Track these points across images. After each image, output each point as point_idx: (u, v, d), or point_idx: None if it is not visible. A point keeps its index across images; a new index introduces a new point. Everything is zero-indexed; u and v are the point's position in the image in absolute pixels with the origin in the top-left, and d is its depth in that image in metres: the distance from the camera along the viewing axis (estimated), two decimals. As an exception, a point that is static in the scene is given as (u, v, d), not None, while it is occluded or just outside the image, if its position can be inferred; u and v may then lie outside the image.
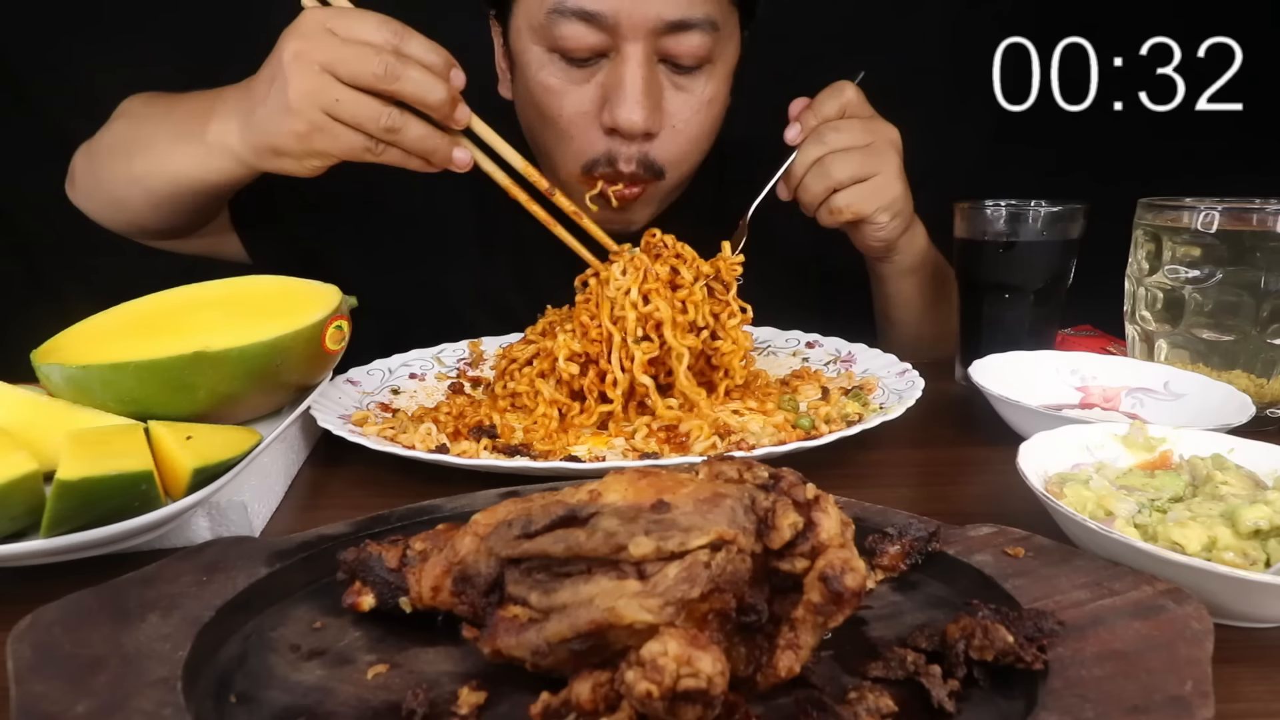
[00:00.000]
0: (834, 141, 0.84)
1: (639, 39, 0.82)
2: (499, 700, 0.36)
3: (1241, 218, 0.70)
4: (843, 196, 0.85)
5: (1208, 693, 0.32)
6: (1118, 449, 0.56)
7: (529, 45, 0.86)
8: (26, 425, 0.53)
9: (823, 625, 0.35)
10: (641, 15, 0.81)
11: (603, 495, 0.37)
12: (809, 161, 0.85)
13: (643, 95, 0.83)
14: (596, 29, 0.82)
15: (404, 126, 0.68)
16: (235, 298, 0.67)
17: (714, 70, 0.89)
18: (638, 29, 0.81)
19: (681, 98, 0.88)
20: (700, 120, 0.90)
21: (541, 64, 0.86)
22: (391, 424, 0.72)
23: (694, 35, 0.83)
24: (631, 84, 0.83)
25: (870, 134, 0.85)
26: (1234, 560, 0.44)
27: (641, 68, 0.83)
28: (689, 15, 0.82)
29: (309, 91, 0.66)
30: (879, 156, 0.85)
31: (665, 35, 0.83)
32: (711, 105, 0.90)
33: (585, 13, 0.81)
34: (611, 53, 0.84)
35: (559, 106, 0.87)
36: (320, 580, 0.44)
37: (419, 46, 0.68)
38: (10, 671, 0.34)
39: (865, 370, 0.83)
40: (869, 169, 0.84)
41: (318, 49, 0.66)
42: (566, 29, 0.82)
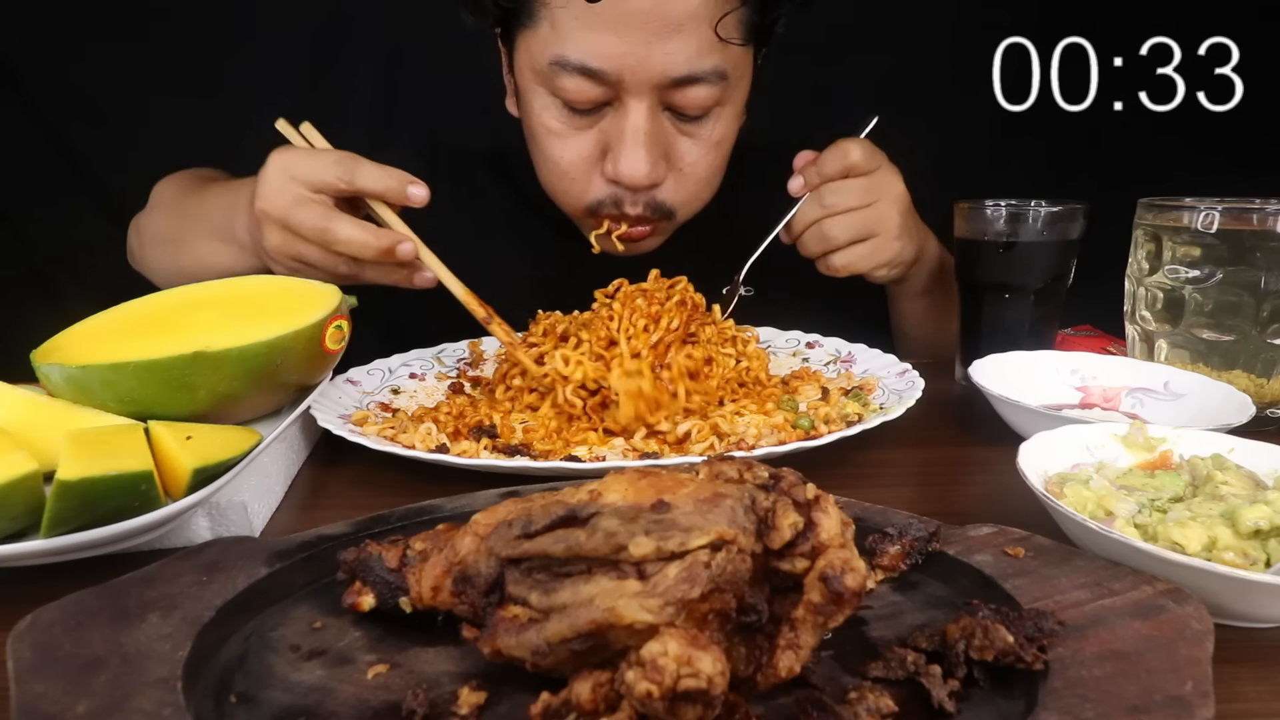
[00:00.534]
0: (832, 204, 0.84)
1: (643, 93, 0.80)
2: (499, 700, 0.36)
3: (1242, 218, 0.70)
4: (839, 257, 0.85)
5: (1208, 693, 0.32)
6: (1118, 449, 0.56)
7: (532, 85, 0.85)
8: (26, 425, 0.53)
9: (823, 625, 0.35)
10: (646, 73, 0.79)
11: (603, 495, 0.37)
12: (807, 222, 0.85)
13: (645, 149, 0.82)
14: (598, 84, 0.80)
15: (360, 271, 0.73)
16: (235, 298, 0.67)
17: (722, 112, 0.86)
18: (642, 85, 0.79)
19: (688, 143, 0.86)
20: (709, 161, 0.88)
21: (544, 106, 0.85)
22: (391, 424, 0.72)
23: (701, 88, 0.81)
24: (634, 138, 0.81)
25: (871, 193, 0.84)
26: (1234, 560, 0.44)
27: (645, 120, 0.81)
28: (696, 70, 0.80)
29: (278, 245, 0.73)
30: (878, 217, 0.85)
31: (670, 89, 0.81)
32: (720, 145, 0.88)
33: (587, 69, 0.79)
34: (615, 102, 0.82)
35: (560, 150, 0.86)
36: (320, 580, 0.44)
37: (370, 178, 0.72)
38: (10, 671, 0.34)
39: (865, 370, 0.83)
40: (867, 230, 0.85)
41: (278, 206, 0.71)
42: (568, 82, 0.80)
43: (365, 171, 0.72)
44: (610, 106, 0.83)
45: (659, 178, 0.85)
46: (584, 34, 0.78)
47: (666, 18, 0.76)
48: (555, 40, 0.80)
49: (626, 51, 0.77)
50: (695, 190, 0.89)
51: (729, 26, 0.80)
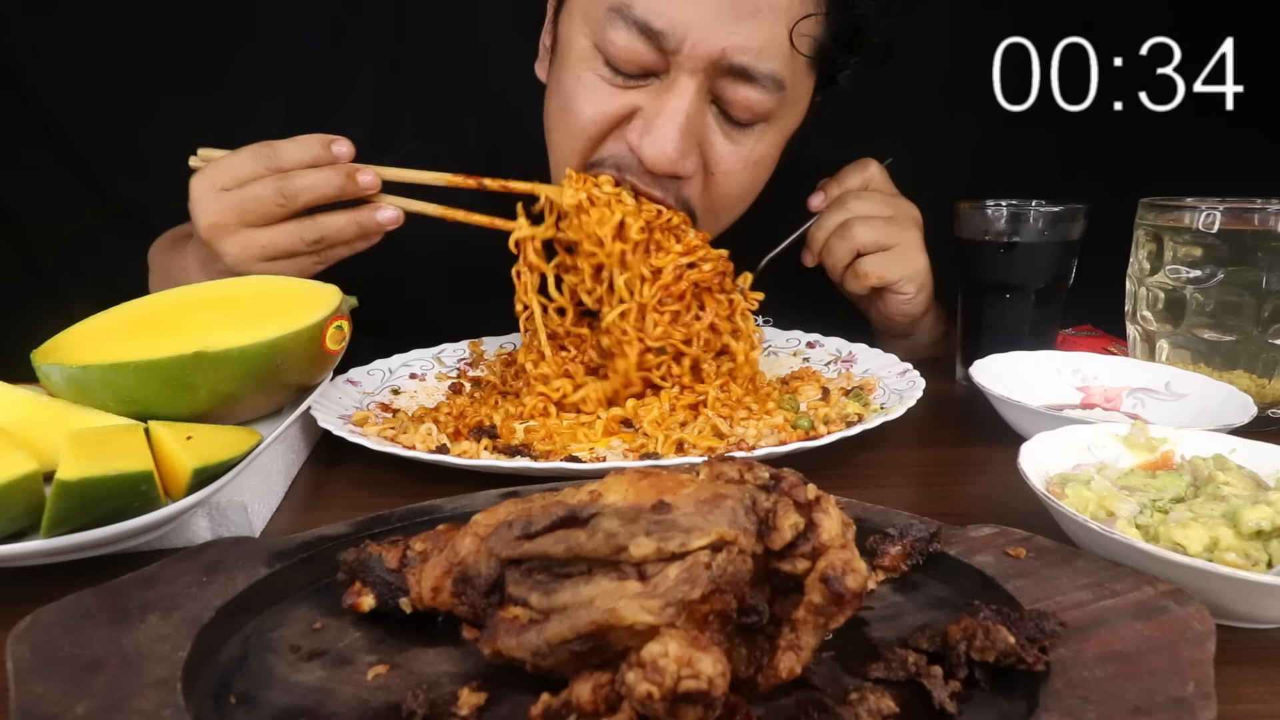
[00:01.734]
0: (856, 209, 0.84)
1: (697, 72, 0.73)
2: (499, 701, 0.36)
3: (1243, 218, 0.70)
4: (867, 262, 0.85)
5: (1210, 694, 0.32)
6: (1119, 449, 0.56)
7: (576, 33, 0.77)
8: (26, 425, 0.53)
9: (824, 626, 0.35)
10: (707, 46, 0.72)
11: (603, 496, 0.37)
12: (832, 226, 0.85)
13: (681, 131, 0.74)
14: (654, 47, 0.73)
15: (324, 229, 0.72)
16: (235, 298, 0.67)
17: (768, 131, 0.80)
18: (699, 59, 0.72)
19: (728, 147, 0.79)
20: (742, 178, 0.81)
21: (584, 57, 0.77)
22: (391, 424, 0.72)
23: (754, 90, 0.75)
24: (672, 115, 0.74)
25: (892, 208, 0.85)
26: (1236, 561, 0.44)
27: (690, 103, 0.74)
28: (755, 65, 0.73)
29: (239, 252, 0.71)
30: (901, 230, 0.85)
31: (724, 77, 0.74)
32: (758, 166, 0.82)
33: (648, 27, 0.72)
34: (661, 74, 0.75)
35: (584, 103, 0.77)
36: (320, 581, 0.44)
37: (291, 152, 0.71)
38: (10, 672, 0.34)
39: (865, 370, 0.83)
40: (891, 239, 0.85)
41: (223, 214, 0.70)
42: (621, 36, 0.73)
43: (284, 149, 0.71)
44: (655, 79, 0.75)
45: (684, 170, 0.77)
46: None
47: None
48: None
49: (695, 20, 0.71)
50: (721, 204, 0.83)
51: (804, 30, 0.75)
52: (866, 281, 0.86)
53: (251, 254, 0.71)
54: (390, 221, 0.73)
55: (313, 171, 0.70)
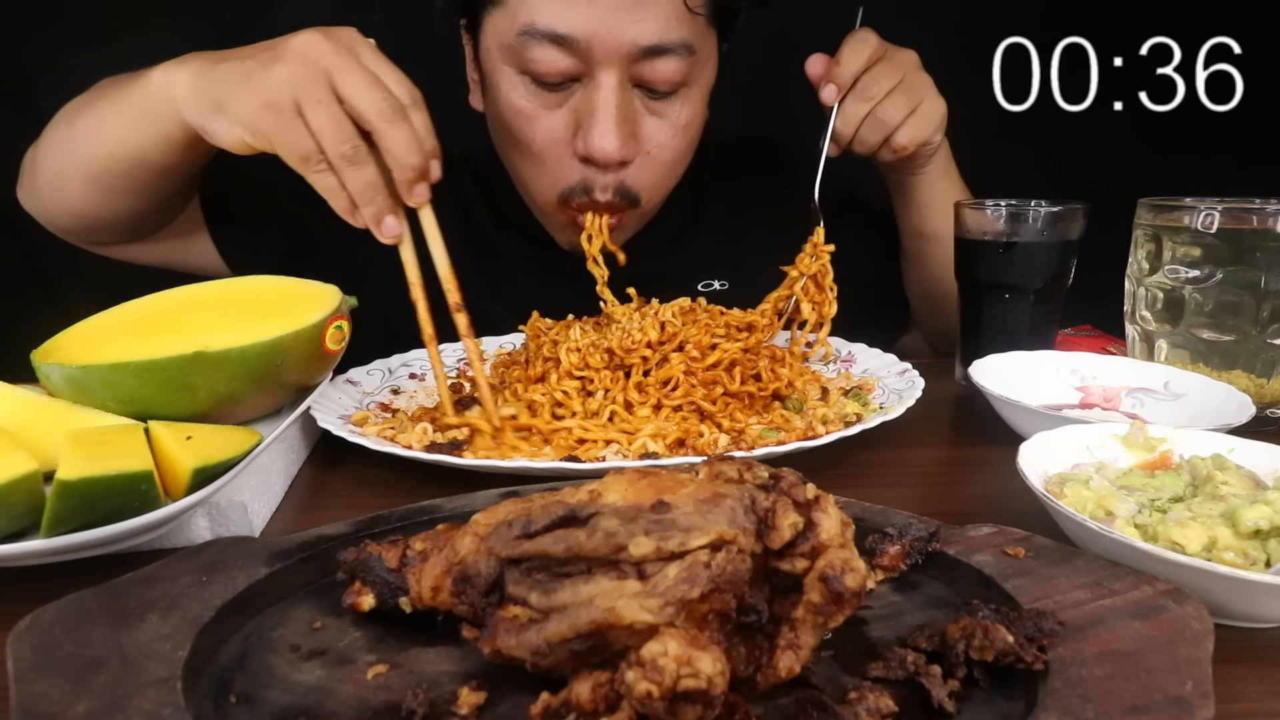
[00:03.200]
0: (877, 92, 0.84)
1: (613, 64, 0.80)
2: (499, 700, 0.36)
3: (1241, 217, 0.70)
4: (903, 134, 0.85)
5: (1208, 693, 0.32)
6: (1118, 449, 0.56)
7: (499, 65, 0.84)
8: (26, 425, 0.53)
9: (823, 625, 0.35)
10: (615, 40, 0.78)
11: (603, 495, 0.37)
12: (858, 119, 0.85)
13: (616, 123, 0.81)
14: (568, 53, 0.79)
15: (360, 166, 0.64)
16: (235, 298, 0.67)
17: (690, 93, 0.86)
18: (611, 54, 0.79)
19: (657, 123, 0.86)
20: (676, 145, 0.88)
21: (512, 85, 0.84)
22: (391, 424, 0.72)
23: (669, 60, 0.81)
24: (604, 111, 0.81)
25: (899, 68, 0.85)
26: (1234, 560, 0.44)
27: (615, 94, 0.81)
28: (664, 40, 0.80)
29: (296, 76, 0.63)
30: (915, 85, 0.85)
31: (640, 60, 0.80)
32: (688, 129, 0.88)
33: (557, 36, 0.78)
34: (584, 77, 0.82)
35: (531, 131, 0.85)
36: (320, 580, 0.44)
37: (422, 119, 0.65)
38: (10, 671, 0.34)
39: (865, 370, 0.83)
40: (914, 101, 0.85)
41: (332, 53, 0.63)
42: (537, 52, 0.80)
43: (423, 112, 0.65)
44: (579, 82, 0.82)
45: (630, 154, 0.84)
46: (553, 3, 0.78)
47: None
48: (523, 10, 0.79)
49: (596, 18, 0.77)
50: (660, 175, 0.89)
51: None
52: (905, 153, 0.87)
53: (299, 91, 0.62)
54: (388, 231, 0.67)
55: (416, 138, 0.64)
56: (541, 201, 0.90)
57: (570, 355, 0.75)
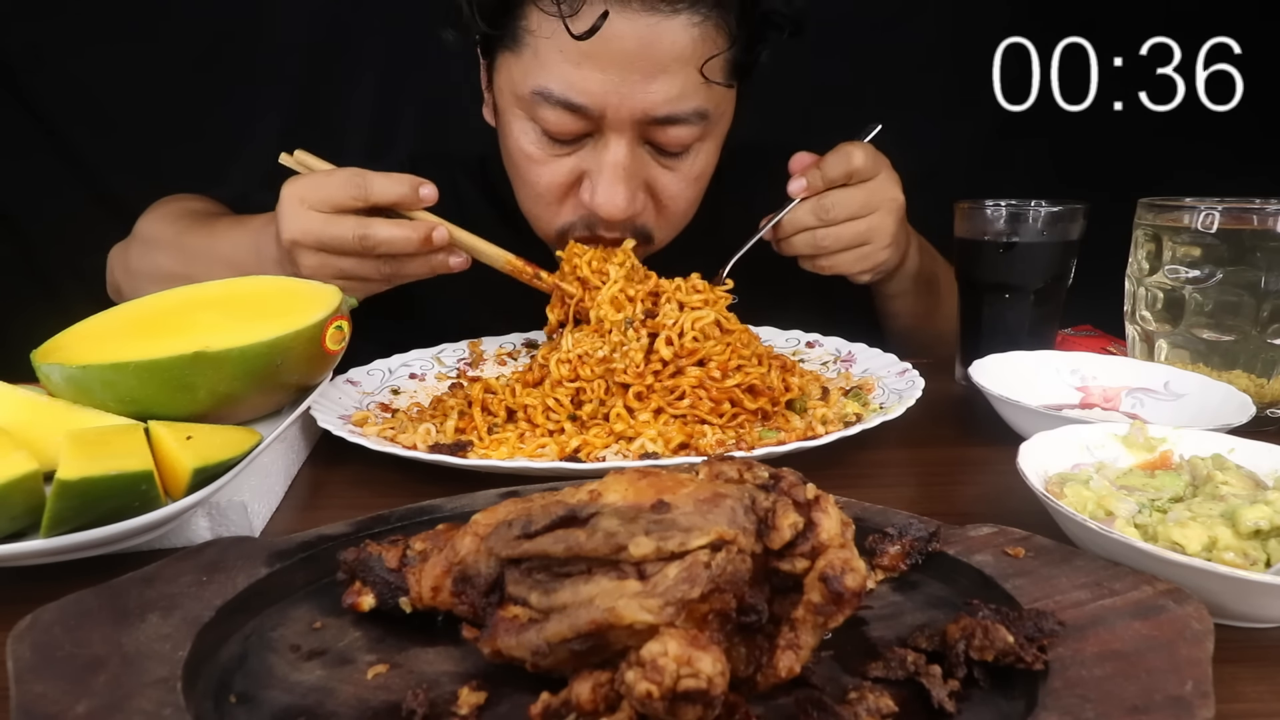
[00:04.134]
0: (834, 216, 0.84)
1: (624, 129, 0.80)
2: (499, 700, 0.36)
3: (1242, 217, 0.70)
4: (827, 260, 0.86)
5: (1208, 693, 0.32)
6: (1118, 449, 0.56)
7: (512, 108, 0.84)
8: (26, 425, 0.53)
9: (823, 625, 0.35)
10: (629, 110, 0.78)
11: (603, 495, 0.37)
12: (801, 226, 0.85)
13: (624, 183, 0.81)
14: (580, 118, 0.80)
15: (400, 267, 0.77)
16: (235, 298, 0.67)
17: (703, 148, 0.86)
18: (623, 121, 0.79)
19: (668, 175, 0.86)
20: (688, 195, 0.88)
21: (523, 130, 0.84)
22: (391, 424, 0.72)
23: (682, 129, 0.81)
24: (612, 171, 0.81)
25: (870, 203, 0.84)
26: (1234, 560, 0.44)
27: (624, 156, 0.81)
28: (677, 111, 0.80)
29: (317, 266, 0.75)
30: (873, 228, 0.85)
31: (652, 126, 0.81)
32: (700, 180, 0.88)
33: (570, 104, 0.78)
34: (595, 134, 0.82)
35: (536, 175, 0.85)
36: (320, 580, 0.44)
37: (381, 187, 0.75)
38: (10, 671, 0.34)
39: (865, 370, 0.83)
40: (860, 240, 0.85)
41: (305, 234, 0.73)
42: (549, 114, 0.80)
43: (376, 184, 0.75)
44: (590, 138, 0.83)
45: (637, 210, 0.85)
46: (568, 68, 0.77)
47: (652, 59, 0.76)
48: (538, 70, 0.79)
49: (610, 89, 0.77)
50: (674, 222, 0.90)
51: (714, 69, 0.80)
52: (821, 273, 0.88)
53: (327, 272, 0.75)
54: (459, 266, 0.79)
55: (393, 228, 0.74)
56: (542, 234, 0.91)
57: (560, 367, 0.74)
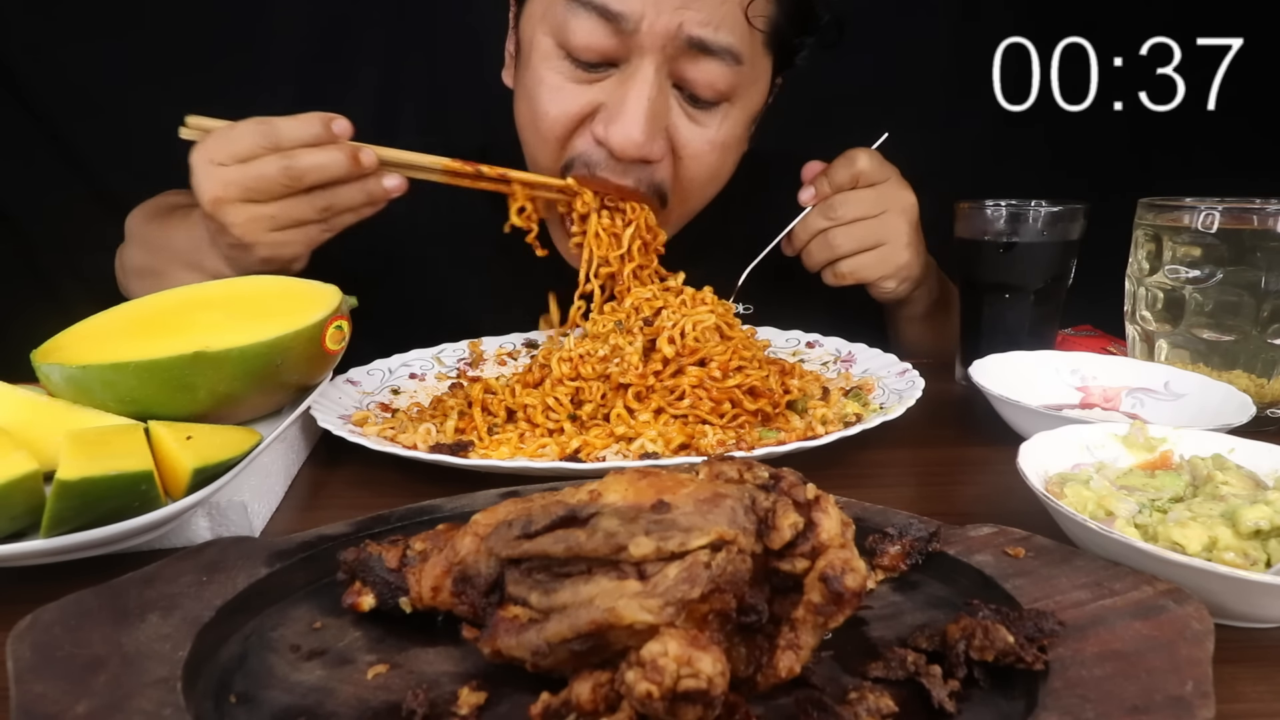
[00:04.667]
0: (842, 214, 0.84)
1: (655, 52, 0.76)
2: (499, 700, 0.36)
3: (1242, 218, 0.70)
4: (846, 264, 0.85)
5: (1208, 693, 0.32)
6: (1118, 449, 0.56)
7: (537, 33, 0.81)
8: (26, 425, 0.53)
9: (823, 625, 0.35)
10: (664, 24, 0.75)
11: (603, 495, 0.37)
12: (813, 231, 0.85)
13: (646, 117, 0.77)
14: (613, 31, 0.75)
15: (333, 198, 0.72)
16: (235, 298, 0.67)
17: (731, 111, 0.83)
18: (656, 39, 0.75)
19: (693, 129, 0.82)
20: (711, 161, 0.84)
21: (546, 55, 0.80)
22: (391, 424, 0.72)
23: (714, 64, 0.78)
24: (636, 101, 0.77)
25: (882, 203, 0.84)
26: (1234, 560, 0.44)
27: (650, 86, 0.77)
28: (713, 38, 0.76)
29: (247, 225, 0.71)
30: (886, 227, 0.85)
31: (682, 56, 0.77)
32: (725, 150, 0.84)
33: (606, 10, 0.74)
34: (622, 63, 0.78)
35: (551, 102, 0.81)
36: (320, 580, 0.44)
37: (291, 129, 0.70)
38: (10, 671, 0.34)
39: (865, 370, 0.83)
40: (875, 239, 0.85)
41: (225, 187, 0.70)
42: (581, 23, 0.76)
43: (284, 127, 0.70)
44: (615, 69, 0.78)
45: (652, 153, 0.80)
46: None
47: None
48: None
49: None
50: (691, 187, 0.86)
51: (758, 8, 0.78)
52: (844, 281, 0.87)
53: (260, 225, 0.71)
54: (396, 189, 0.75)
55: (318, 151, 0.70)
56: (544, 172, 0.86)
57: (562, 365, 0.74)
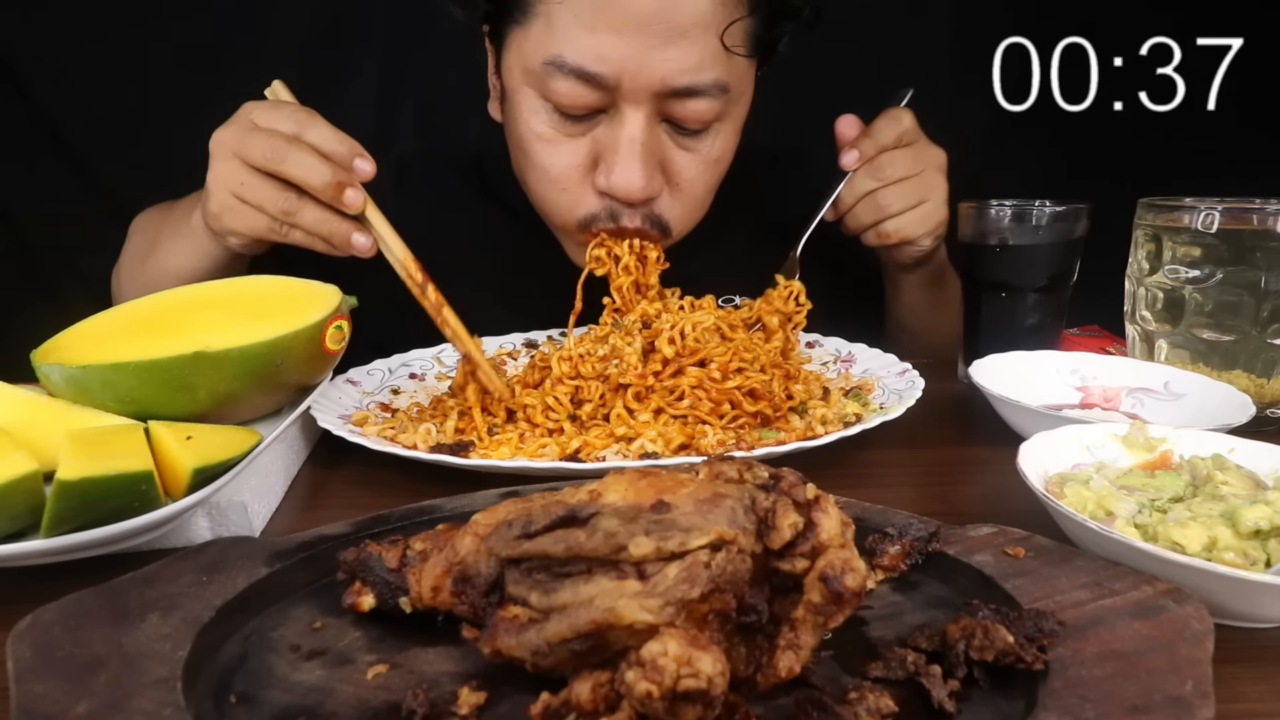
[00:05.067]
0: (890, 174, 0.84)
1: (641, 101, 0.76)
2: (499, 700, 0.36)
3: (1242, 218, 0.70)
4: (893, 223, 0.85)
5: (1208, 693, 0.32)
6: (1118, 449, 0.56)
7: (521, 86, 0.80)
8: (26, 425, 0.53)
9: (823, 625, 0.35)
10: (646, 79, 0.74)
11: (603, 495, 0.37)
12: (862, 192, 0.85)
13: (641, 161, 0.78)
14: (595, 88, 0.75)
15: (300, 210, 0.69)
16: (235, 298, 0.67)
17: (722, 128, 0.83)
18: (640, 92, 0.75)
19: (686, 157, 0.82)
20: (707, 179, 0.85)
21: (534, 110, 0.80)
22: (391, 424, 0.72)
23: (701, 101, 0.77)
24: (629, 148, 0.77)
25: (921, 162, 0.85)
26: (1234, 560, 0.44)
27: (641, 131, 0.77)
28: (696, 82, 0.76)
29: (221, 175, 0.70)
30: (929, 184, 0.85)
31: (670, 99, 0.77)
32: (719, 164, 0.85)
33: (585, 73, 0.74)
34: (610, 109, 0.78)
35: (549, 158, 0.81)
36: (320, 580, 0.44)
37: (321, 132, 0.68)
38: (10, 671, 0.34)
39: (865, 370, 0.83)
40: (919, 197, 0.85)
41: (234, 137, 0.69)
42: (562, 85, 0.76)
43: (318, 128, 0.68)
44: (604, 114, 0.79)
45: (654, 191, 0.81)
46: (582, 34, 0.74)
47: (672, 22, 0.72)
48: (551, 39, 0.75)
49: (627, 56, 0.73)
50: (692, 208, 0.86)
51: (735, 36, 0.77)
52: (889, 241, 0.87)
53: (229, 185, 0.70)
54: (360, 248, 0.70)
55: (311, 155, 0.68)
56: (560, 224, 0.87)
57: (562, 364, 0.74)
